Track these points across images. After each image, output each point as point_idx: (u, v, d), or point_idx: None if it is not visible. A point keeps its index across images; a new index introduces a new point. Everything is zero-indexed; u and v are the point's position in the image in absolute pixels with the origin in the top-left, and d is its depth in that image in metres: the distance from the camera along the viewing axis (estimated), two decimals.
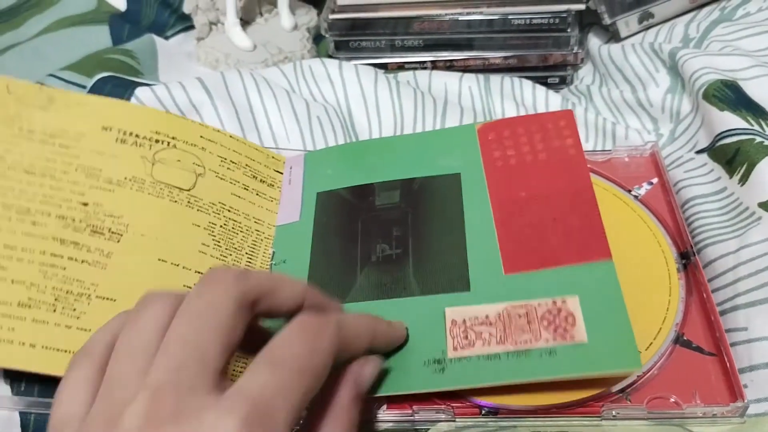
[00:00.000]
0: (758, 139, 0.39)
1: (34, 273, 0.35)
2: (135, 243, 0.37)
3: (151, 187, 0.39)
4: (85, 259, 0.36)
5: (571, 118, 0.41)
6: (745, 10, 0.51)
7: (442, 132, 0.45)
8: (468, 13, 0.54)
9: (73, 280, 0.35)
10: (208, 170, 0.42)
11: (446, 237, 0.38)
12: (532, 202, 0.38)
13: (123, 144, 0.40)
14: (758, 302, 0.34)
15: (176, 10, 0.63)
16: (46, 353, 0.33)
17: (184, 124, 0.43)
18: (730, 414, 0.32)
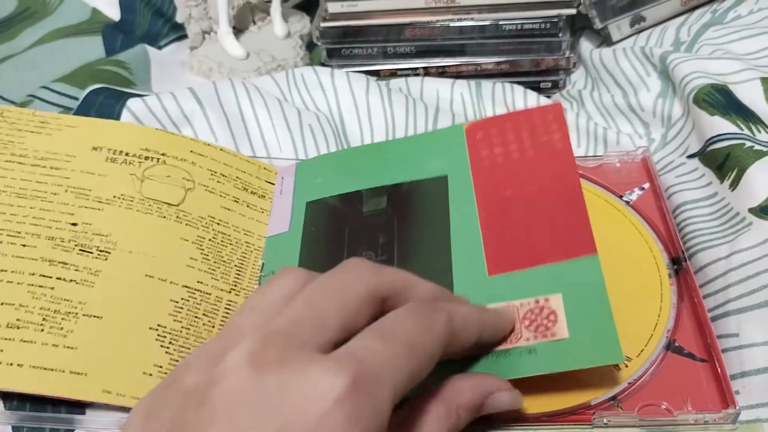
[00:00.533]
0: (748, 143, 0.39)
1: (22, 294, 0.35)
2: (123, 260, 0.37)
3: (139, 204, 0.39)
4: (73, 278, 0.36)
5: (560, 112, 0.40)
6: (737, 13, 0.51)
7: (431, 134, 0.45)
8: (459, 20, 0.54)
9: (61, 300, 0.35)
10: (197, 184, 0.42)
11: (431, 241, 0.38)
12: (517, 200, 0.37)
13: (113, 163, 0.41)
14: (749, 308, 0.34)
15: (169, 20, 0.64)
16: (33, 372, 0.33)
17: (174, 140, 0.43)
18: (721, 420, 0.31)
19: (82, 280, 0.36)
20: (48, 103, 0.51)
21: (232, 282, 0.39)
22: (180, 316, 0.36)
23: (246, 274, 0.40)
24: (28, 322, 0.34)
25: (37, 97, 0.51)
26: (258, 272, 0.40)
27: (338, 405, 0.21)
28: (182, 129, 0.49)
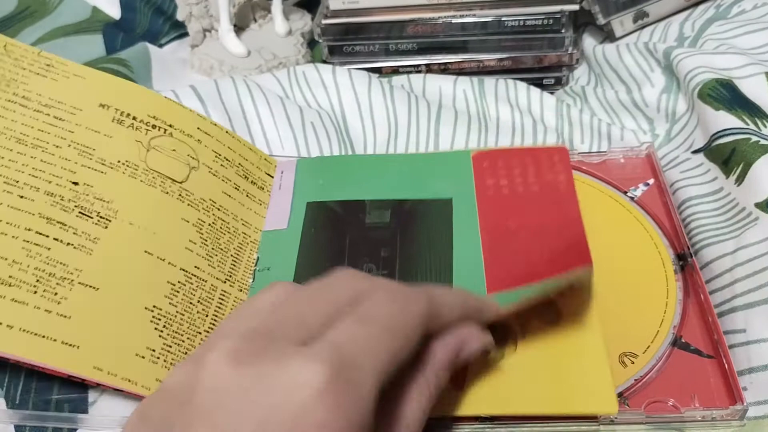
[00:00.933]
0: (754, 138, 0.39)
1: (17, 250, 0.33)
2: (123, 231, 0.36)
3: (143, 175, 0.38)
4: (71, 241, 0.34)
5: (566, 155, 0.40)
6: (741, 8, 0.51)
7: (437, 155, 0.45)
8: (461, 16, 0.54)
9: (57, 263, 0.33)
10: (201, 164, 0.41)
11: (433, 261, 0.38)
12: (520, 231, 0.37)
13: (119, 125, 0.39)
14: (756, 303, 0.34)
15: (170, 18, 0.63)
16: (23, 336, 0.31)
17: (182, 112, 0.42)
18: (729, 417, 0.31)
19: (80, 245, 0.34)
20: None
21: (227, 272, 0.38)
22: (176, 300, 0.35)
23: (241, 266, 0.39)
24: (21, 281, 0.32)
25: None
26: (252, 266, 0.40)
27: (319, 396, 0.21)
28: None
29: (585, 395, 0.31)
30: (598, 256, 0.37)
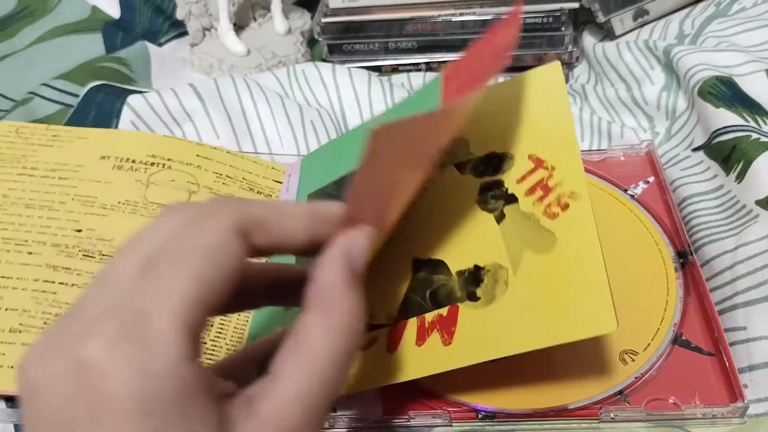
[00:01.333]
0: (754, 135, 0.39)
1: (26, 300, 0.35)
2: None
3: (144, 209, 0.40)
4: (76, 282, 0.36)
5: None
6: (741, 5, 0.51)
7: (414, 97, 0.42)
8: (461, 14, 0.54)
9: (62, 303, 0.35)
10: (202, 186, 0.42)
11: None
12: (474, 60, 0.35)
13: (119, 170, 0.42)
14: (757, 301, 0.34)
15: (169, 17, 0.63)
16: None
17: (180, 145, 0.44)
18: (730, 414, 0.31)
19: (83, 284, 0.36)
20: (48, 101, 0.51)
21: None
22: None
23: None
24: (30, 326, 0.34)
25: (37, 95, 0.51)
26: None
27: (100, 369, 0.19)
28: (183, 126, 0.49)
29: (581, 319, 0.28)
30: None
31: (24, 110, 0.50)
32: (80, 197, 0.40)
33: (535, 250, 0.31)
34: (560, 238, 0.31)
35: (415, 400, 0.33)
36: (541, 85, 0.37)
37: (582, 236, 0.30)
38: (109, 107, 0.49)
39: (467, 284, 0.32)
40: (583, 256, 0.30)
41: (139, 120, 0.48)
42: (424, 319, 0.32)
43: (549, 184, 0.33)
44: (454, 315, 0.31)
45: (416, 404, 0.33)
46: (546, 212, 0.32)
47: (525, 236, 0.32)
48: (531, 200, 0.33)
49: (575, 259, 0.30)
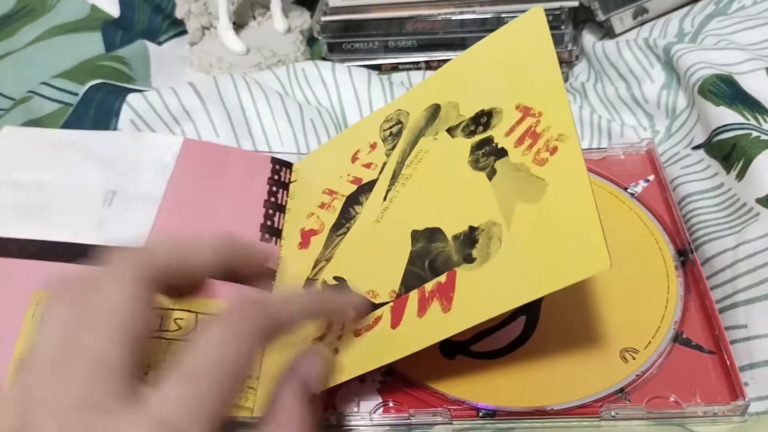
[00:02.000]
0: (755, 133, 0.39)
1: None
2: None
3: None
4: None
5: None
6: (740, 4, 0.51)
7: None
8: (461, 13, 0.54)
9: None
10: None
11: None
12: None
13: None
14: (757, 299, 0.34)
15: (169, 16, 0.63)
16: None
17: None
18: (730, 413, 0.31)
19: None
20: (48, 99, 0.51)
21: None
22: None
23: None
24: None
25: (36, 94, 0.51)
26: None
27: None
28: (183, 124, 0.49)
29: (575, 261, 0.28)
30: None
31: (23, 109, 0.50)
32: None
33: (526, 199, 0.31)
34: (550, 183, 0.30)
35: (415, 398, 0.33)
36: (525, 33, 0.37)
37: (571, 176, 0.30)
38: (108, 106, 0.49)
39: (463, 247, 0.32)
40: (575, 198, 0.29)
41: (138, 119, 0.48)
42: (424, 289, 0.32)
43: (537, 130, 0.32)
44: (452, 280, 0.31)
45: (416, 402, 0.33)
46: (535, 159, 0.31)
47: (516, 188, 0.31)
48: (520, 150, 0.32)
49: (567, 202, 0.29)
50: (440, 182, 0.35)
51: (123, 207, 0.40)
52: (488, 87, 0.37)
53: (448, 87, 0.39)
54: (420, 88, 0.43)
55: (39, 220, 0.39)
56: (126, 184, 0.41)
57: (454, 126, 0.37)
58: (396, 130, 0.40)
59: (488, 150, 0.34)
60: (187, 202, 0.41)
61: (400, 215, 0.36)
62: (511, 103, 0.34)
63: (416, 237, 0.34)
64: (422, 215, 0.34)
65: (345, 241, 0.38)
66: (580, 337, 0.34)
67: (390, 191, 0.38)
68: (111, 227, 0.39)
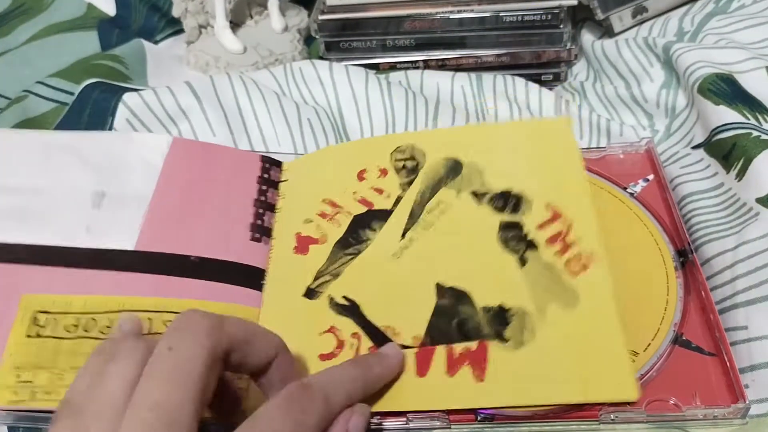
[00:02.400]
0: (755, 133, 0.39)
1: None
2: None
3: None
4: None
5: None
6: (740, 2, 0.50)
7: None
8: (459, 11, 0.53)
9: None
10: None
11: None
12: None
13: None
14: (758, 300, 0.34)
15: (165, 14, 0.63)
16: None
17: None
18: (731, 415, 0.31)
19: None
20: (43, 99, 0.50)
21: None
22: None
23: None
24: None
25: (32, 93, 0.51)
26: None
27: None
28: (179, 124, 0.48)
29: (606, 385, 0.30)
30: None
31: (19, 108, 0.49)
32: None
33: (560, 304, 0.33)
34: (582, 299, 0.33)
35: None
36: (552, 136, 0.40)
37: (602, 301, 0.33)
38: (104, 105, 0.48)
39: (494, 322, 0.33)
40: (605, 322, 0.32)
41: (134, 118, 0.48)
42: (452, 349, 0.33)
43: (567, 240, 0.35)
44: (483, 352, 0.33)
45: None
46: (568, 268, 0.34)
47: (549, 287, 0.34)
48: (552, 251, 0.35)
49: (597, 324, 0.32)
50: (468, 245, 0.37)
51: (112, 209, 0.40)
52: (515, 170, 0.39)
53: (470, 148, 0.41)
54: (437, 134, 0.44)
55: (28, 224, 0.38)
56: (115, 185, 0.41)
57: (480, 193, 0.39)
58: (411, 165, 0.41)
59: (520, 236, 0.36)
60: (176, 202, 0.41)
61: (423, 261, 0.37)
62: (542, 198, 0.37)
63: (442, 292, 0.35)
64: (448, 271, 0.36)
65: (357, 264, 0.38)
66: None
67: (409, 230, 0.38)
68: (100, 230, 0.39)
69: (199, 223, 0.40)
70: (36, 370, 0.33)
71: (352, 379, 0.30)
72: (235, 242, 0.40)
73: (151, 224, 0.39)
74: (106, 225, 0.39)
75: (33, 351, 0.33)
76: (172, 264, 0.38)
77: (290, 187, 0.43)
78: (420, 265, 0.37)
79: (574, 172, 0.37)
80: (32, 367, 0.33)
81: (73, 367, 0.33)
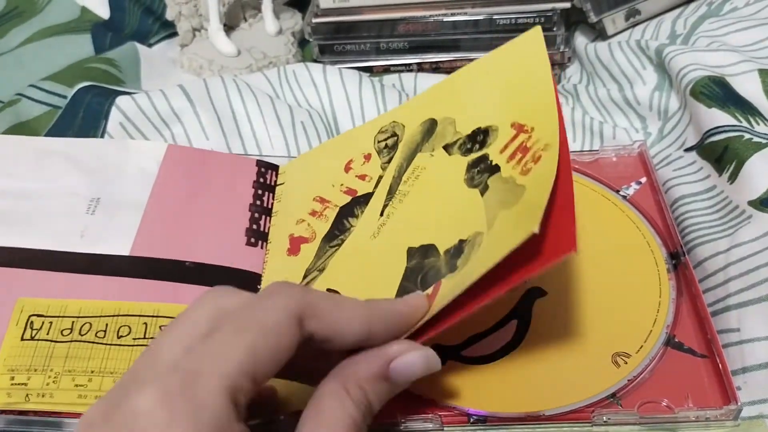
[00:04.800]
0: (747, 135, 0.39)
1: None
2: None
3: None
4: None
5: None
6: (733, 5, 0.50)
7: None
8: (453, 14, 0.53)
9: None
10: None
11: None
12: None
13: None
14: (750, 302, 0.34)
15: (159, 17, 0.63)
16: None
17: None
18: (723, 417, 0.31)
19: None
20: (36, 102, 0.50)
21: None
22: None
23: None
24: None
25: (25, 96, 0.50)
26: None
27: (151, 417, 0.21)
28: (172, 127, 0.48)
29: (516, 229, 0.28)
30: (591, 256, 0.37)
31: (11, 112, 0.49)
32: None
33: (506, 206, 0.32)
34: (528, 188, 0.31)
35: (406, 405, 0.33)
36: (522, 52, 0.38)
37: (543, 174, 0.30)
38: (97, 108, 0.48)
39: (451, 258, 0.33)
40: (539, 188, 0.30)
41: (127, 121, 0.48)
42: None
43: (527, 145, 0.33)
44: (436, 290, 0.32)
45: (407, 408, 0.32)
46: (522, 170, 0.33)
47: (502, 198, 0.33)
48: (511, 165, 0.34)
49: (534, 196, 0.30)
50: (436, 200, 0.36)
51: (106, 215, 0.40)
52: (485, 104, 0.38)
53: (444, 102, 0.40)
54: (416, 101, 0.43)
55: (22, 229, 0.38)
56: (110, 191, 0.41)
57: (451, 143, 0.38)
58: (392, 142, 0.41)
59: (483, 167, 0.35)
60: (171, 208, 0.41)
61: (396, 232, 0.36)
62: (507, 120, 0.36)
63: (411, 254, 0.35)
64: (418, 232, 0.35)
65: (339, 254, 0.38)
66: (571, 341, 0.34)
67: (387, 207, 0.38)
68: (94, 235, 0.39)
69: (194, 228, 0.40)
70: (30, 372, 0.33)
71: (352, 305, 0.28)
72: (230, 247, 0.40)
73: (146, 230, 0.39)
74: (101, 230, 0.39)
75: (27, 354, 0.33)
76: (167, 269, 0.38)
77: (285, 189, 0.43)
78: (394, 237, 0.36)
79: (539, 79, 0.35)
80: (26, 370, 0.33)
81: (68, 370, 0.33)
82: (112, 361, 0.34)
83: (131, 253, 0.38)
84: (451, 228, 0.34)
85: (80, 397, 0.32)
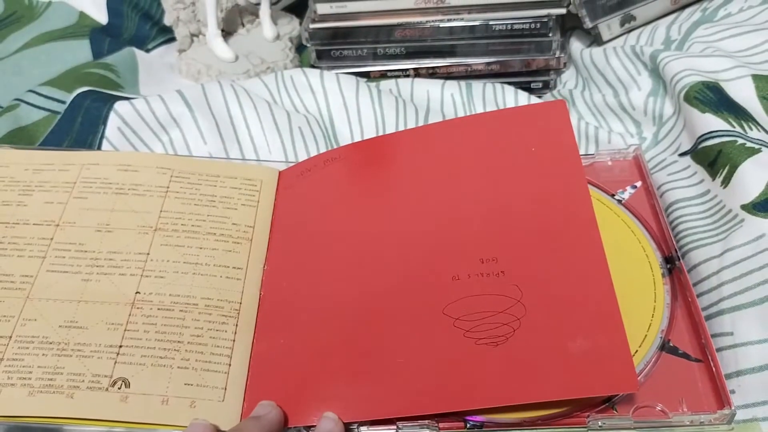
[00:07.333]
0: (740, 140, 0.39)
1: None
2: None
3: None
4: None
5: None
6: (727, 11, 0.51)
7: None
8: (449, 20, 0.54)
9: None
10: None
11: None
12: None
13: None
14: (743, 306, 0.34)
15: (157, 23, 0.63)
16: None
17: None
18: (717, 421, 0.31)
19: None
20: (34, 107, 0.50)
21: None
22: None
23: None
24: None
25: (23, 101, 0.51)
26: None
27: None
28: (170, 132, 0.48)
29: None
30: None
31: (10, 117, 0.49)
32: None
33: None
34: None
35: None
36: None
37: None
38: (95, 114, 0.48)
39: None
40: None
41: (126, 126, 0.48)
42: None
43: None
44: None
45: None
46: None
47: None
48: None
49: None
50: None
51: None
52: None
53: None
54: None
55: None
56: None
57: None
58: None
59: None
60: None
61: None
62: None
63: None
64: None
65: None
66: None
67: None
68: None
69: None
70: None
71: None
72: None
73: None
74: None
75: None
76: None
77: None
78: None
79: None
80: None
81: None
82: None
83: None
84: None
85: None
